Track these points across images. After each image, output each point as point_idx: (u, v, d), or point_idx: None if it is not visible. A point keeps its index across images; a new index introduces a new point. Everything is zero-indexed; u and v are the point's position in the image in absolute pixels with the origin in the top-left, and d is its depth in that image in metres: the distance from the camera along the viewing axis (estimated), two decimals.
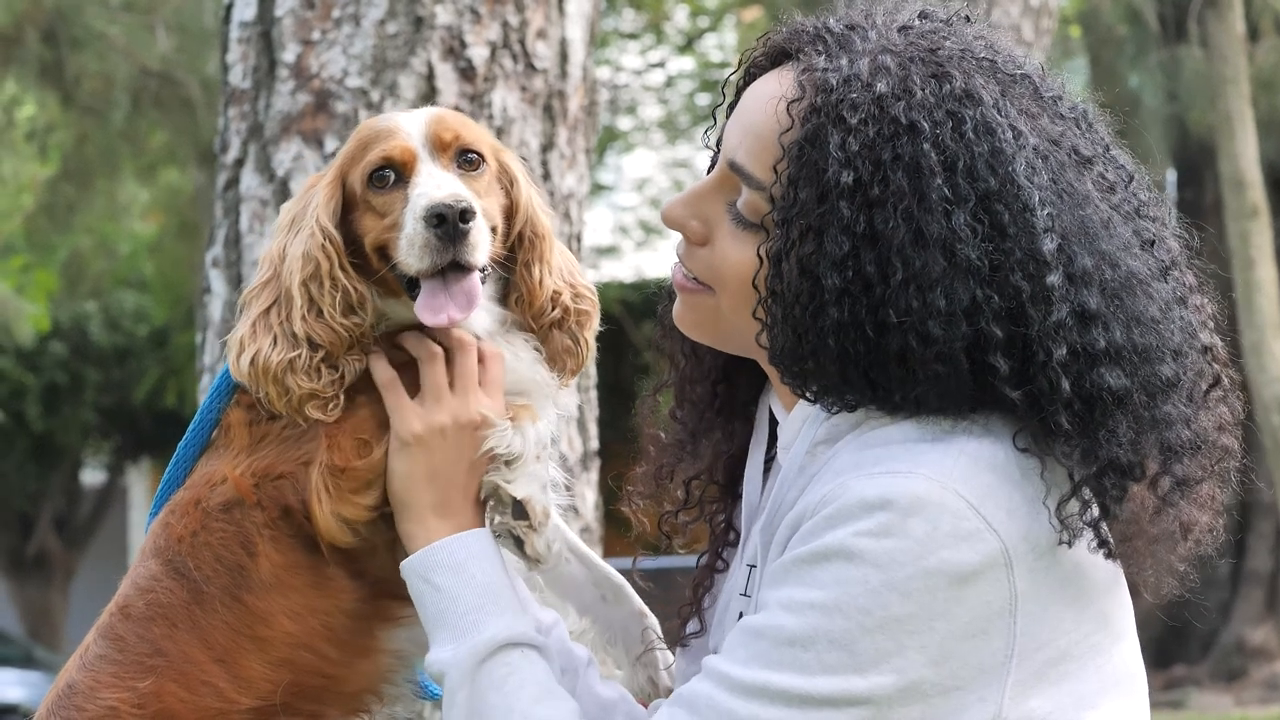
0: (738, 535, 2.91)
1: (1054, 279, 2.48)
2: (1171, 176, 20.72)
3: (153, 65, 18.14)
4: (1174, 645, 20.90)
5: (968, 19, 2.68)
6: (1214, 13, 17.63)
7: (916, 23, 2.64)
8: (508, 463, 2.83)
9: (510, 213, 2.98)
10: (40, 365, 25.65)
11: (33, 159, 21.17)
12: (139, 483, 29.59)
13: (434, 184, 2.85)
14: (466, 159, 2.92)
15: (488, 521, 2.85)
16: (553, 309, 2.99)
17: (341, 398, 2.85)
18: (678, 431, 2.98)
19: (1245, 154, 17.06)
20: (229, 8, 5.28)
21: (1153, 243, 2.60)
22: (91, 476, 29.44)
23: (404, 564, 2.78)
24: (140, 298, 25.95)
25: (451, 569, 2.74)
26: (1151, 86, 19.73)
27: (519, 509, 2.83)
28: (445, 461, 2.82)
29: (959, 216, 2.47)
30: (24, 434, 26.09)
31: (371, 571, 2.87)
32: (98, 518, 28.71)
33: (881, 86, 2.53)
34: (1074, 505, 2.51)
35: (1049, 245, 2.48)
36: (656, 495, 3.00)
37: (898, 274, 2.47)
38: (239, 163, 5.18)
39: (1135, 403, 2.51)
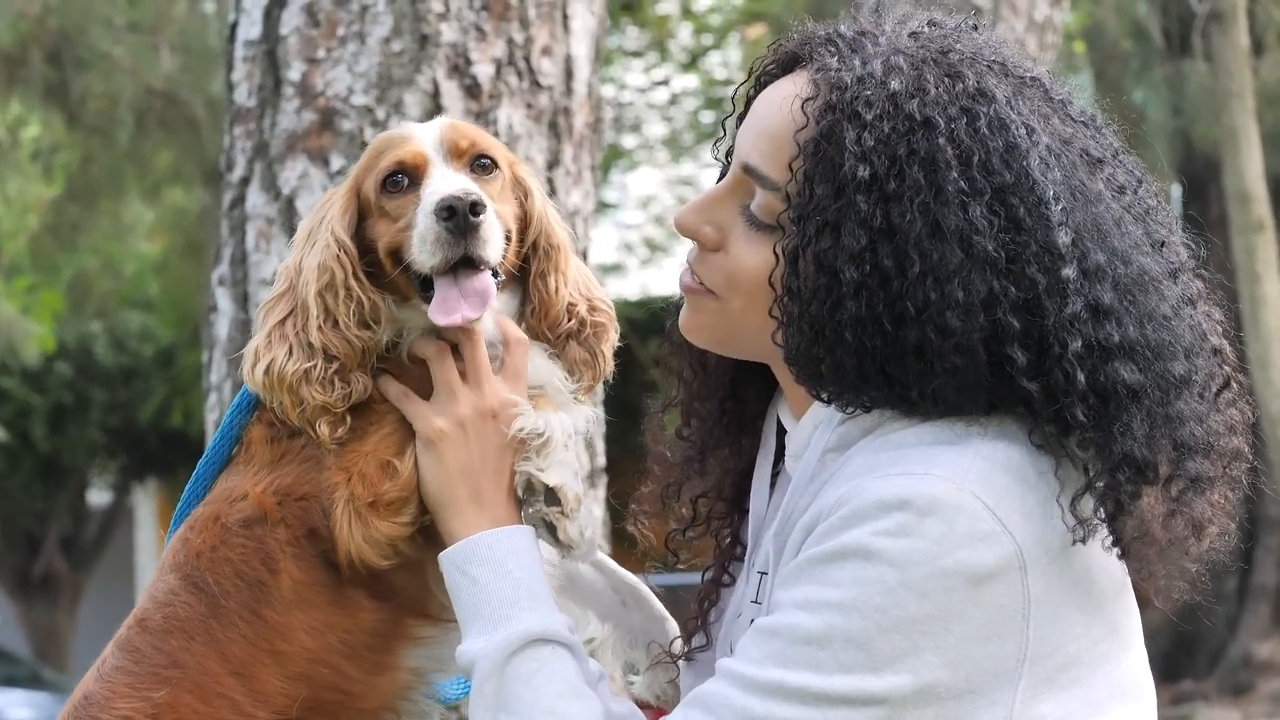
0: (744, 549, 2.93)
1: (1069, 271, 2.51)
2: (1177, 191, 20.69)
3: (157, 85, 18.13)
4: (1182, 660, 20.85)
5: (975, 27, 2.71)
6: (1218, 27, 17.61)
7: (926, 29, 2.68)
8: (538, 450, 2.85)
9: (524, 224, 2.99)
10: (46, 385, 25.62)
11: (38, 179, 21.16)
12: (146, 503, 29.55)
13: (445, 182, 2.87)
14: (480, 164, 2.95)
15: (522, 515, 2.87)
16: (568, 320, 3.01)
17: (349, 419, 2.86)
18: (685, 449, 2.99)
19: (1250, 168, 17.02)
20: (234, 26, 5.28)
21: (1162, 244, 2.63)
22: (98, 497, 29.40)
23: (442, 555, 2.80)
24: (146, 317, 25.93)
25: (490, 562, 2.76)
26: (1156, 101, 19.71)
27: (551, 496, 2.85)
28: (473, 453, 2.84)
29: (975, 209, 2.50)
30: (30, 454, 26.05)
31: (399, 588, 2.88)
32: (104, 538, 28.66)
33: (895, 84, 2.57)
34: (1088, 502, 2.52)
35: (1064, 238, 2.52)
36: (662, 514, 3.02)
37: (915, 266, 2.50)
38: (244, 181, 5.18)
39: (1149, 398, 2.53)
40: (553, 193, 5.17)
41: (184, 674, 2.81)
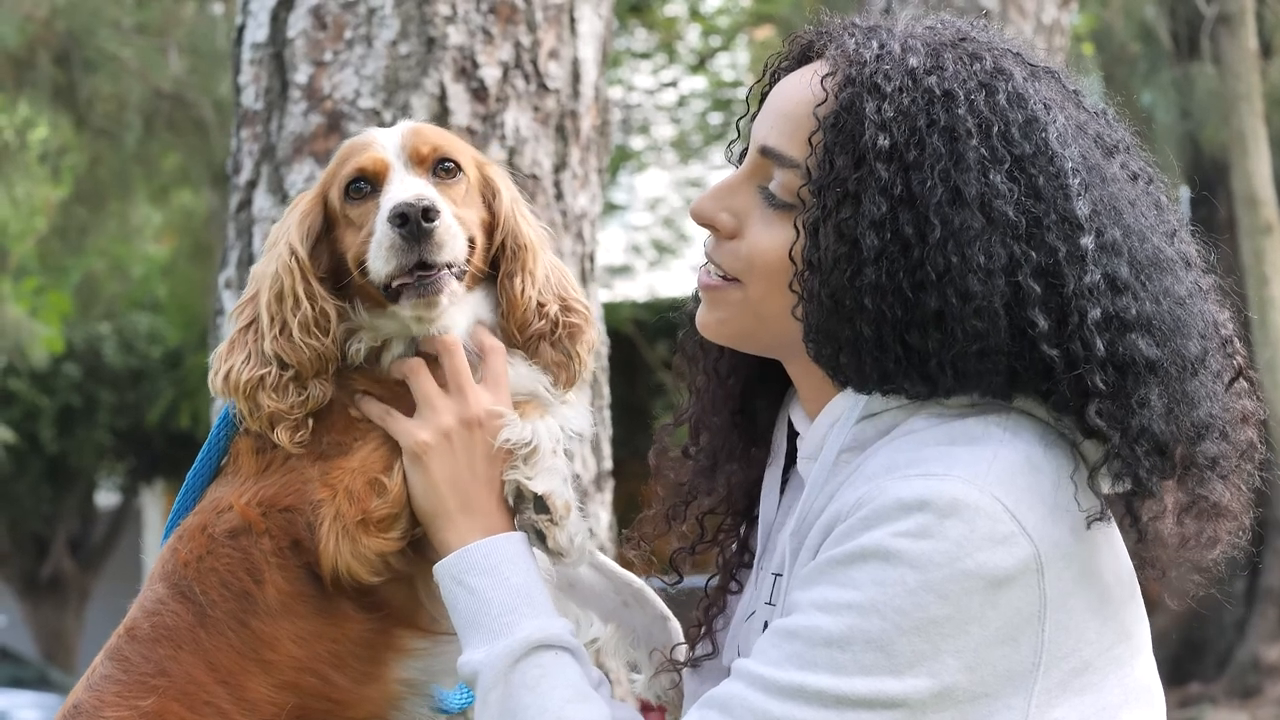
0: (752, 556, 2.92)
1: (1087, 241, 2.52)
2: (1185, 194, 20.69)
3: (165, 87, 18.16)
4: (1189, 662, 20.84)
5: (986, 26, 2.73)
6: (1226, 30, 17.62)
7: (940, 24, 2.70)
8: (525, 458, 2.84)
9: (493, 224, 2.99)
10: (54, 387, 25.65)
11: (46, 181, 21.19)
12: (153, 504, 29.58)
13: (402, 188, 2.87)
14: (443, 167, 2.95)
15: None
16: (538, 320, 3.00)
17: (310, 423, 2.87)
18: (694, 466, 2.98)
19: (1259, 171, 17.04)
20: (241, 29, 5.28)
21: (1174, 234, 2.65)
22: (106, 498, 29.44)
23: (437, 567, 2.79)
24: (154, 319, 25.96)
25: (485, 571, 2.75)
26: (1164, 104, 19.72)
27: (540, 504, 2.84)
28: (461, 463, 2.84)
29: (995, 175, 2.52)
30: (38, 456, 26.08)
31: (387, 599, 2.87)
32: (112, 539, 28.69)
33: (914, 61, 2.59)
34: (1106, 478, 2.54)
35: (1083, 209, 2.53)
36: (667, 535, 3.02)
37: (936, 232, 2.51)
38: (252, 184, 5.18)
39: (1166, 374, 2.54)
40: (560, 196, 5.16)
41: (172, 683, 2.81)
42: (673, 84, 25.08)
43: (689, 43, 25.01)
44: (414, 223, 2.83)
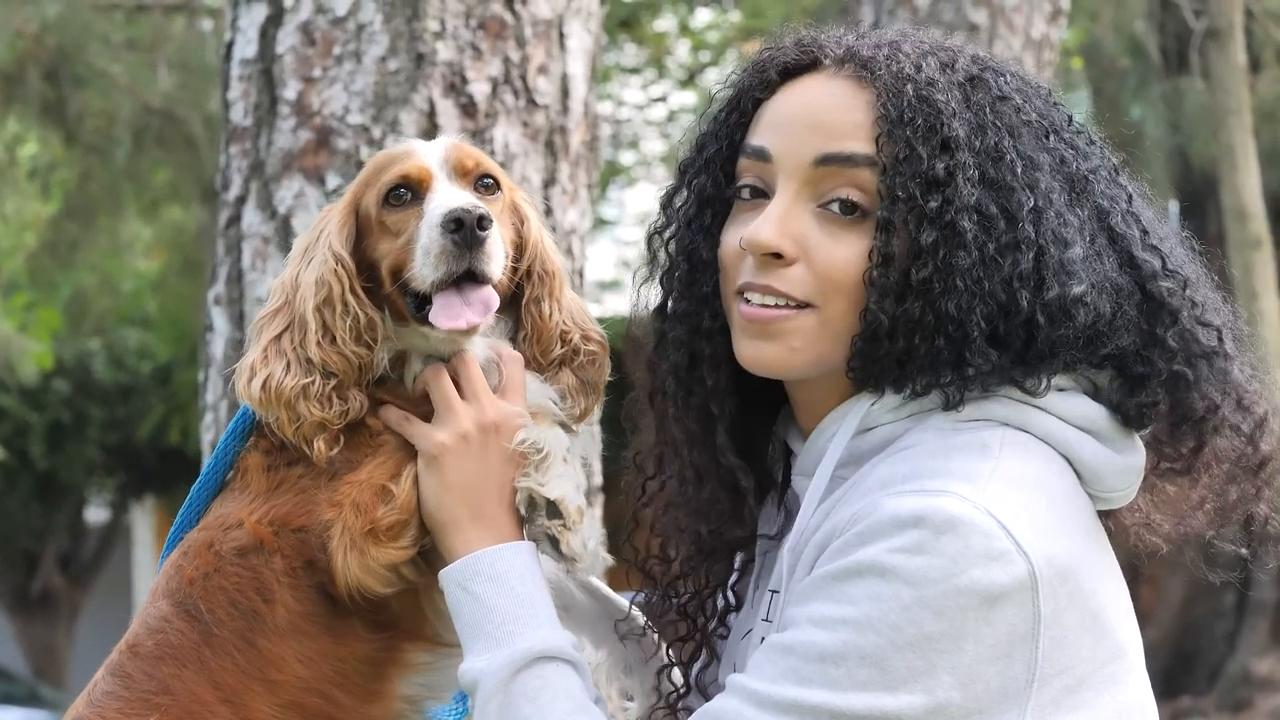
0: (741, 602, 2.91)
1: (1121, 193, 2.67)
2: (1174, 208, 20.72)
3: (155, 103, 18.13)
4: (1181, 676, 20.84)
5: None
6: (1215, 44, 17.63)
7: (915, 34, 2.76)
8: (537, 465, 2.83)
9: (520, 250, 2.98)
10: (44, 403, 25.60)
11: (35, 197, 21.16)
12: (143, 520, 29.51)
13: (451, 196, 2.85)
14: (484, 183, 2.94)
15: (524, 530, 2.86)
16: (561, 346, 3.00)
17: (343, 438, 2.85)
18: (676, 572, 2.96)
19: (1248, 185, 17.04)
20: (230, 45, 5.28)
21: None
22: (96, 514, 29.36)
23: (443, 572, 2.78)
24: (144, 335, 25.90)
25: (491, 579, 2.74)
26: (1153, 118, 19.74)
27: (553, 509, 2.83)
28: (476, 467, 2.82)
29: (1053, 140, 2.64)
30: (28, 472, 26.02)
31: (397, 616, 2.86)
32: (102, 555, 28.63)
33: (931, 58, 2.66)
34: (1122, 387, 2.64)
35: (1112, 167, 2.68)
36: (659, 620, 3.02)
37: (1030, 200, 2.57)
38: (240, 200, 5.18)
39: (1187, 315, 2.64)
40: (549, 211, 5.17)
41: (174, 701, 2.79)
42: (662, 99, 25.11)
43: (678, 58, 25.03)
44: (469, 229, 2.81)
